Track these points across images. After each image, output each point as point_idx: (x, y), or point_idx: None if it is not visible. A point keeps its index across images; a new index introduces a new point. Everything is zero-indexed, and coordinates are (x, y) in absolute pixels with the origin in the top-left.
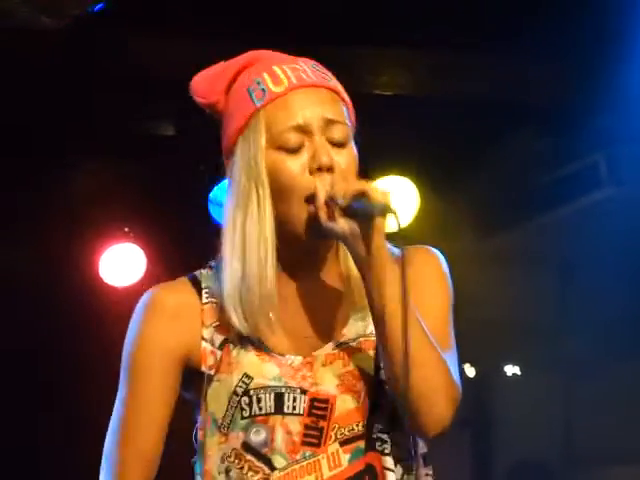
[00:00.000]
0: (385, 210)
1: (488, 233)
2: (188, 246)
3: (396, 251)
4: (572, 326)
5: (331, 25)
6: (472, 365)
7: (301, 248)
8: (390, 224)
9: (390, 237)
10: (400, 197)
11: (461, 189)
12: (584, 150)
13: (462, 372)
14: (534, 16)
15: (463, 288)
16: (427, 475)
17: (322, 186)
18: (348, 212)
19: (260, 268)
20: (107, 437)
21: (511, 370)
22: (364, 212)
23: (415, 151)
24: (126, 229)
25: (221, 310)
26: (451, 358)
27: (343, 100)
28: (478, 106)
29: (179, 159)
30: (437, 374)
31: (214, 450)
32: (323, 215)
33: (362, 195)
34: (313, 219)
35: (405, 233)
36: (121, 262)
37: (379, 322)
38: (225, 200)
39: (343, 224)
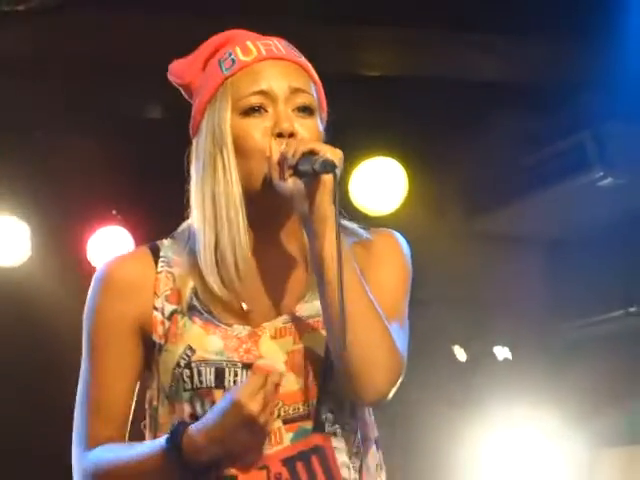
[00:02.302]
0: (328, 166)
1: (476, 213)
2: (175, 229)
3: (362, 232)
4: (560, 305)
5: (319, 4)
6: (461, 347)
7: (263, 209)
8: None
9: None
10: (388, 178)
11: (448, 169)
12: (570, 129)
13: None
14: None
15: (451, 267)
16: (378, 459)
17: (277, 148)
18: (297, 171)
19: (232, 232)
20: (75, 409)
21: (501, 352)
22: (309, 169)
23: (402, 132)
24: (114, 212)
25: (174, 280)
26: (398, 331)
27: (312, 77)
28: (464, 86)
29: (166, 141)
30: (377, 339)
31: (166, 419)
32: (275, 174)
33: (311, 153)
34: (269, 179)
35: (392, 214)
36: (109, 245)
37: (319, 281)
38: (192, 169)
39: (290, 182)
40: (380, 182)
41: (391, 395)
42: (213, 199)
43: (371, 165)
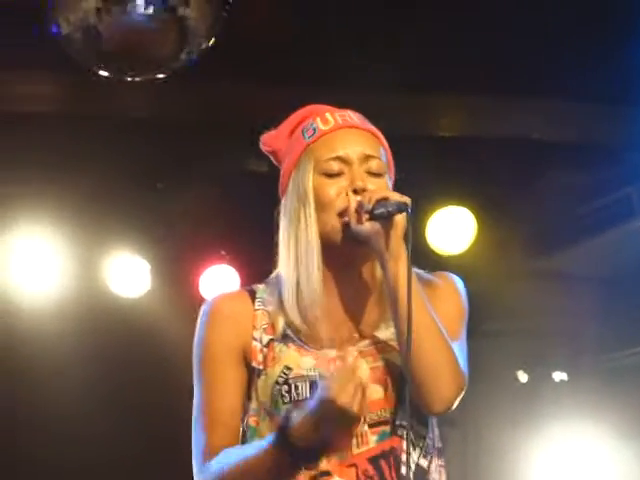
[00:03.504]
0: (401, 207)
1: (536, 255)
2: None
3: (426, 276)
4: (610, 336)
5: (400, 74)
6: (524, 372)
7: (341, 255)
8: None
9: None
10: (459, 224)
11: (512, 217)
12: (619, 183)
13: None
14: (570, 59)
15: (515, 303)
16: (441, 466)
17: (354, 199)
18: (373, 215)
19: (309, 274)
20: (193, 426)
21: (559, 376)
22: (384, 212)
23: (472, 185)
24: (223, 252)
25: (269, 316)
26: (459, 349)
27: (382, 143)
28: (525, 145)
29: (270, 192)
30: (443, 356)
31: (266, 433)
32: (353, 220)
33: (384, 199)
34: (346, 228)
35: (464, 255)
36: (218, 281)
37: (393, 307)
38: (280, 224)
39: (368, 225)
40: (453, 227)
41: (455, 405)
42: (296, 246)
43: (445, 213)
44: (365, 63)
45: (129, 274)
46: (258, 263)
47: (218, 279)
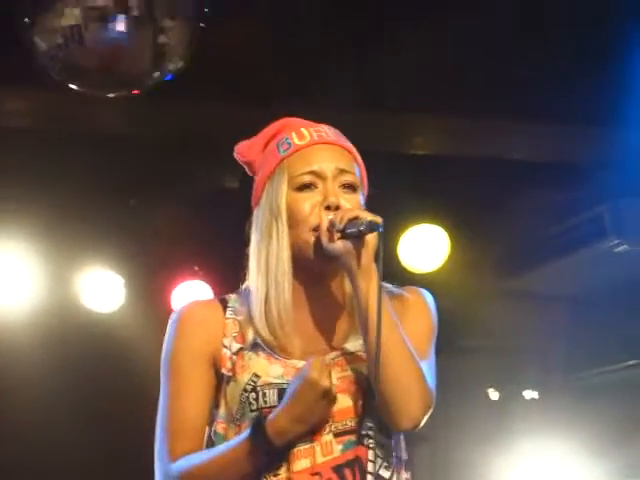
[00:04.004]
0: (373, 226)
1: (508, 274)
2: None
3: (396, 290)
4: (580, 355)
5: (377, 93)
6: (495, 389)
7: (312, 270)
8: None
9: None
10: (432, 242)
11: (485, 236)
12: (591, 203)
13: (486, 395)
14: (544, 81)
15: (486, 321)
16: (407, 479)
17: (325, 217)
18: (344, 234)
19: (279, 288)
20: (157, 431)
21: (530, 394)
22: (355, 231)
23: (446, 203)
24: (195, 268)
25: (240, 325)
26: (427, 367)
27: (356, 160)
28: (498, 165)
29: (241, 208)
30: (411, 376)
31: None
32: (324, 238)
33: (356, 218)
34: (318, 244)
35: (437, 273)
36: (191, 297)
37: (363, 326)
38: (252, 236)
39: (340, 244)
40: (425, 245)
41: (423, 423)
42: (267, 260)
43: (418, 230)
44: (341, 81)
45: (102, 289)
46: (231, 279)
47: (191, 294)
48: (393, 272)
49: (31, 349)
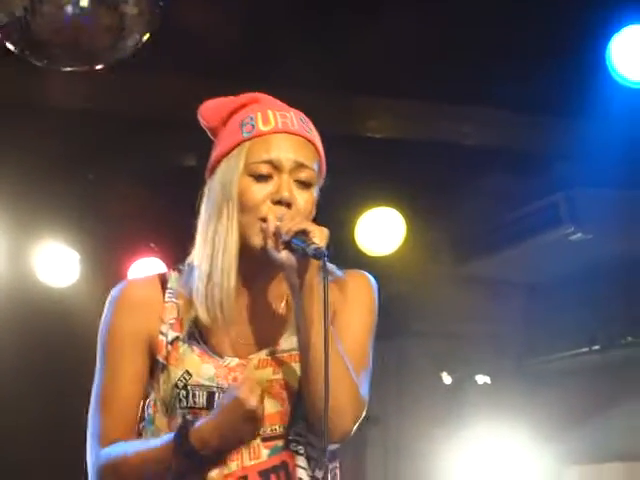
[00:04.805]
0: (318, 253)
1: (464, 259)
2: None
3: (338, 273)
4: (534, 341)
5: (332, 75)
6: (448, 374)
7: (255, 261)
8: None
9: (376, 259)
10: (388, 225)
11: (441, 221)
12: (546, 191)
13: (439, 378)
14: (504, 68)
15: (441, 305)
16: (334, 469)
17: (273, 217)
18: (289, 247)
19: (223, 271)
20: (90, 411)
21: (482, 379)
22: (301, 250)
23: (402, 186)
24: (151, 244)
25: (178, 310)
26: (364, 376)
27: (317, 152)
28: (454, 150)
29: (198, 186)
30: (346, 393)
31: (163, 426)
32: (270, 243)
33: (302, 234)
34: (264, 245)
35: (392, 256)
36: (146, 272)
37: (301, 344)
38: (202, 207)
39: (283, 255)
40: (381, 228)
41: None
42: (213, 241)
43: (374, 214)
44: (297, 62)
45: (58, 264)
46: (186, 257)
47: (146, 270)
48: (349, 255)
49: None
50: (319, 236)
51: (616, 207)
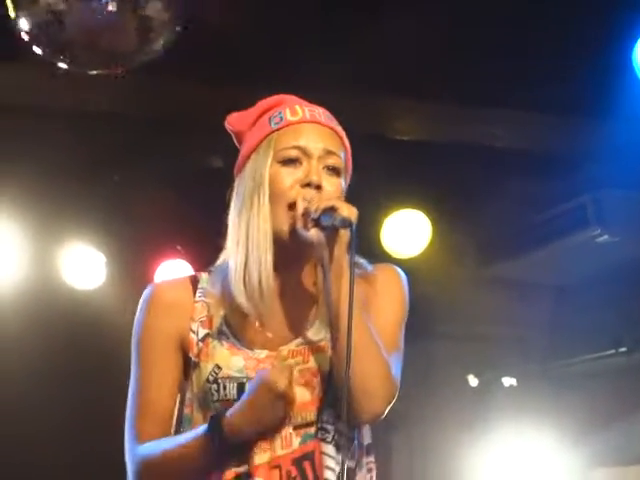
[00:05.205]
0: (346, 223)
1: (490, 261)
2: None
3: (368, 267)
4: (561, 343)
5: (358, 76)
6: (474, 376)
7: (285, 249)
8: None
9: (402, 261)
10: (414, 227)
11: (467, 223)
12: (574, 193)
13: (466, 381)
14: (531, 70)
15: (467, 307)
16: (369, 463)
17: (302, 199)
18: (318, 224)
19: (260, 257)
20: (127, 411)
21: (508, 382)
22: (329, 224)
23: (428, 188)
24: (178, 247)
25: (208, 309)
26: (395, 359)
27: (344, 145)
28: (481, 153)
29: (225, 187)
30: (377, 370)
31: (199, 423)
32: (299, 223)
33: (331, 210)
34: (294, 227)
35: (418, 258)
36: (173, 275)
37: (332, 322)
38: (232, 203)
39: (313, 233)
40: (408, 230)
41: (385, 414)
42: (247, 227)
43: (401, 215)
44: (323, 63)
45: (84, 266)
46: (212, 259)
47: (173, 273)
48: (375, 256)
49: (12, 325)
50: (347, 211)
51: None
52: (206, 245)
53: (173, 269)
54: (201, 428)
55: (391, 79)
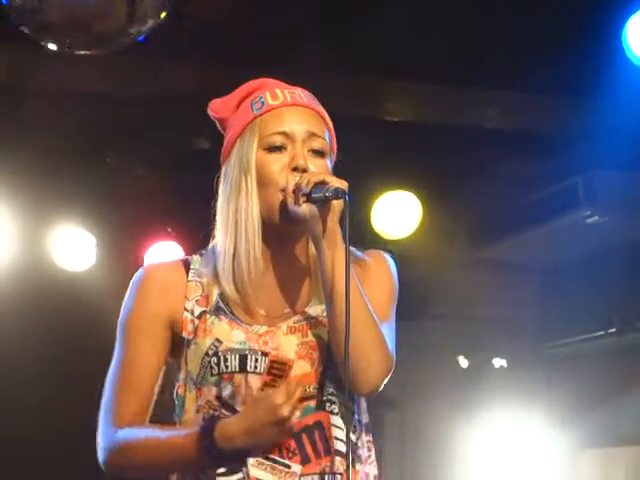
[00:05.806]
0: (339, 192)
1: (480, 242)
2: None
3: (358, 253)
4: (550, 324)
5: (350, 58)
6: (465, 357)
7: (277, 231)
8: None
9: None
10: (405, 209)
11: (458, 204)
12: (564, 174)
13: (456, 362)
14: (522, 51)
15: (457, 288)
16: (368, 442)
17: (292, 179)
18: (310, 198)
19: (248, 245)
20: (105, 389)
21: (499, 362)
22: (321, 196)
23: (418, 170)
24: (168, 229)
25: (203, 287)
26: (388, 330)
27: (327, 125)
28: (471, 133)
29: (212, 169)
30: (373, 342)
31: (191, 403)
32: (290, 200)
33: (322, 183)
34: (285, 206)
35: (409, 240)
36: (162, 257)
37: (326, 294)
38: (219, 190)
39: (305, 207)
40: (398, 212)
41: (382, 387)
42: (235, 215)
43: (391, 197)
44: (317, 45)
45: (74, 247)
46: (203, 241)
47: (163, 254)
48: (365, 238)
49: (1, 306)
50: (338, 183)
51: (633, 190)
52: (196, 227)
53: (163, 251)
54: (191, 428)
55: (382, 61)
